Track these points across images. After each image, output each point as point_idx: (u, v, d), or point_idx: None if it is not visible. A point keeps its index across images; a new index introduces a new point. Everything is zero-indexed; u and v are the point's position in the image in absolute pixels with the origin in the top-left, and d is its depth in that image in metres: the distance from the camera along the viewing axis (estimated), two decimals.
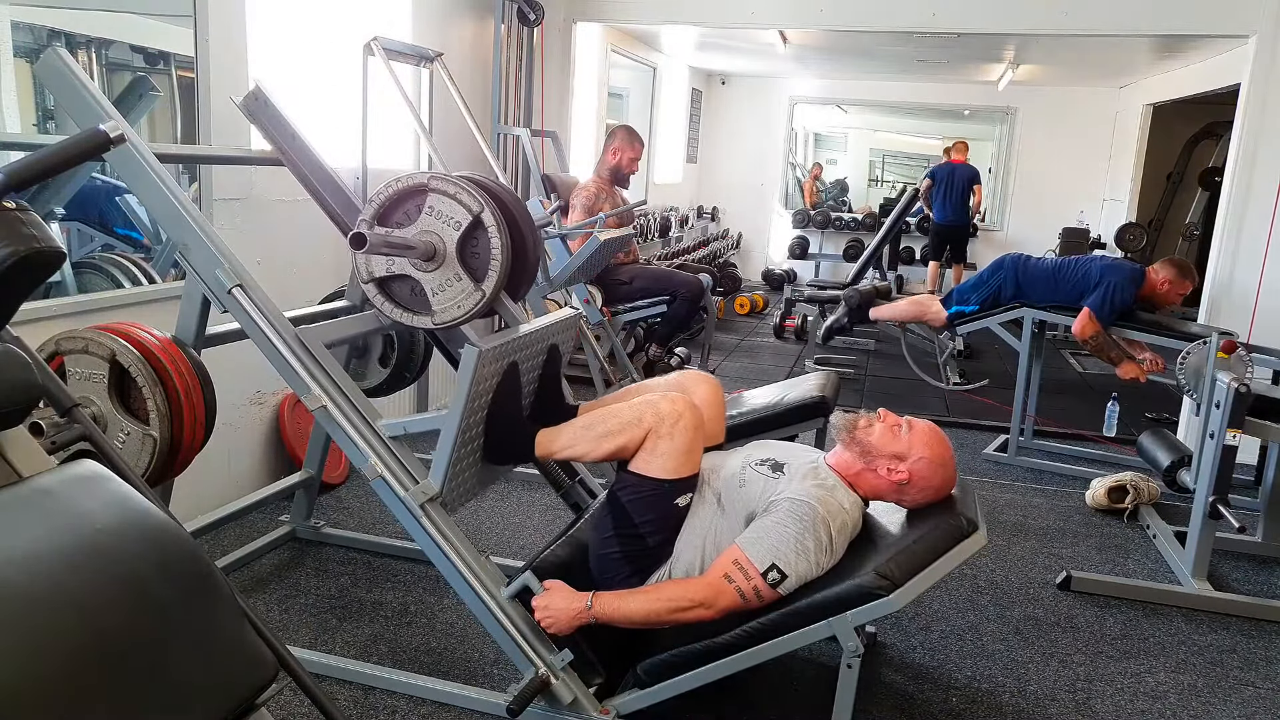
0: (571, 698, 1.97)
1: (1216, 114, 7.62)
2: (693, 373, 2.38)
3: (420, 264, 2.03)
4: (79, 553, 0.91)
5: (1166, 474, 3.26)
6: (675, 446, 1.96)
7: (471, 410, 2.03)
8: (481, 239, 2.03)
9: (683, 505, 2.01)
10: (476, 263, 2.05)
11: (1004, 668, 2.53)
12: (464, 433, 2.02)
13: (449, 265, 2.03)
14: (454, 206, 2.01)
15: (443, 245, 2.02)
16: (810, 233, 10.15)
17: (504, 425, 2.12)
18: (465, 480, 2.12)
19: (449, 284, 2.04)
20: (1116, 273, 4.14)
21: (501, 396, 2.11)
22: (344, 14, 3.72)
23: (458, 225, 2.01)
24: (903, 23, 5.03)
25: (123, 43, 3.25)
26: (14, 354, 1.10)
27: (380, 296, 2.08)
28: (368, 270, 2.06)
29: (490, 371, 2.05)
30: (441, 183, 2.02)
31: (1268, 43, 4.27)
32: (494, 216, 2.01)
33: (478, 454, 2.13)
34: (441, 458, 2.01)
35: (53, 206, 2.96)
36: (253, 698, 1.00)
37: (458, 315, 2.06)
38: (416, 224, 2.04)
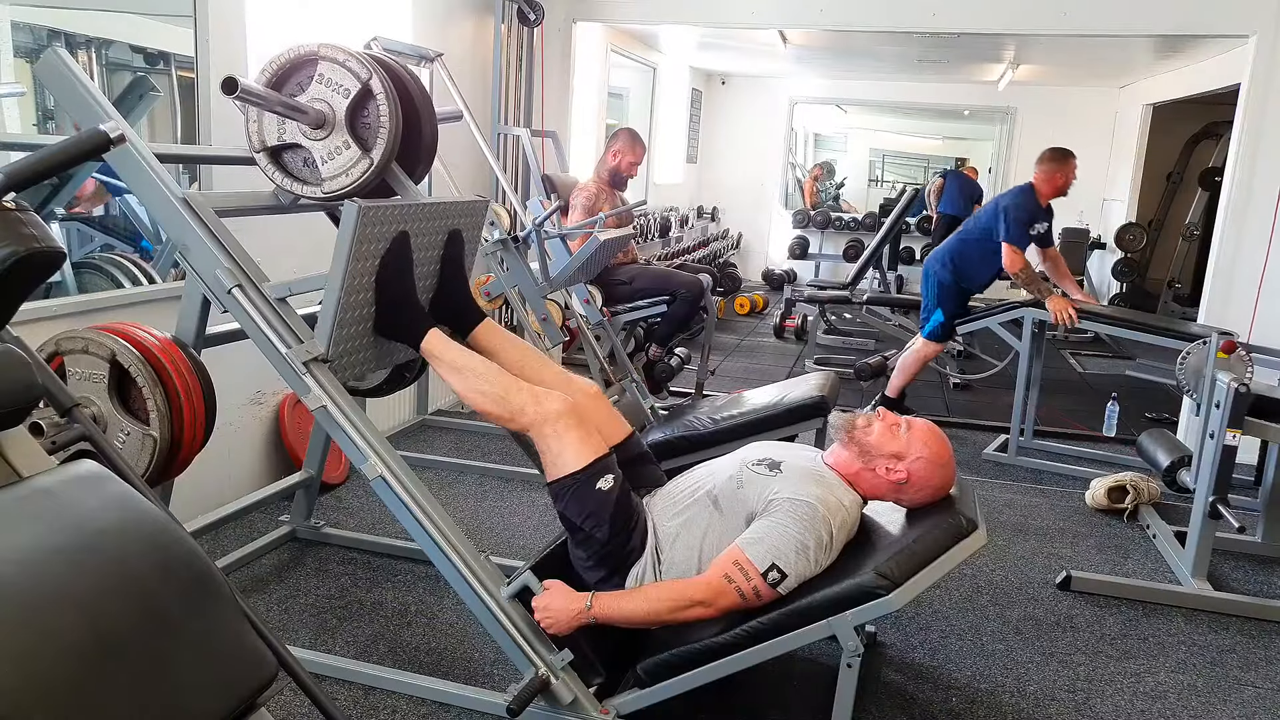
0: (571, 698, 1.97)
1: (1216, 114, 7.62)
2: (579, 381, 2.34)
3: (310, 132, 2.06)
4: (79, 553, 0.91)
5: (1166, 474, 3.26)
6: (565, 443, 2.00)
7: (355, 273, 2.01)
8: (371, 108, 2.06)
9: (606, 489, 2.01)
10: (366, 132, 2.08)
11: (1004, 668, 2.53)
12: (347, 295, 2.01)
13: (338, 133, 2.06)
14: (343, 74, 2.04)
15: (332, 112, 2.05)
16: (810, 233, 10.15)
17: (392, 295, 2.12)
18: (358, 352, 2.11)
19: (338, 152, 2.08)
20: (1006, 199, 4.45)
21: (389, 262, 2.10)
22: (344, 14, 3.72)
23: (347, 93, 2.04)
24: (903, 23, 5.03)
25: (123, 43, 3.25)
26: (14, 354, 1.10)
27: (272, 166, 2.11)
28: (260, 139, 2.09)
29: (375, 234, 2.03)
30: (331, 50, 2.05)
31: (1268, 43, 4.27)
32: (383, 85, 2.04)
33: (368, 324, 2.12)
34: (325, 317, 2.01)
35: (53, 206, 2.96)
36: (253, 698, 1.00)
37: (346, 184, 2.08)
38: (308, 92, 2.07)
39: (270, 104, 2.02)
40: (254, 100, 2.01)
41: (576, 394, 2.21)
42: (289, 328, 2.03)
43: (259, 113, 2.12)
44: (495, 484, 3.67)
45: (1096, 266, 8.54)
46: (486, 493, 3.58)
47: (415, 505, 2.02)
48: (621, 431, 2.27)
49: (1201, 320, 4.60)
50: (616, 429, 2.26)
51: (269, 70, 2.07)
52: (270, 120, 2.12)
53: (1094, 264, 8.46)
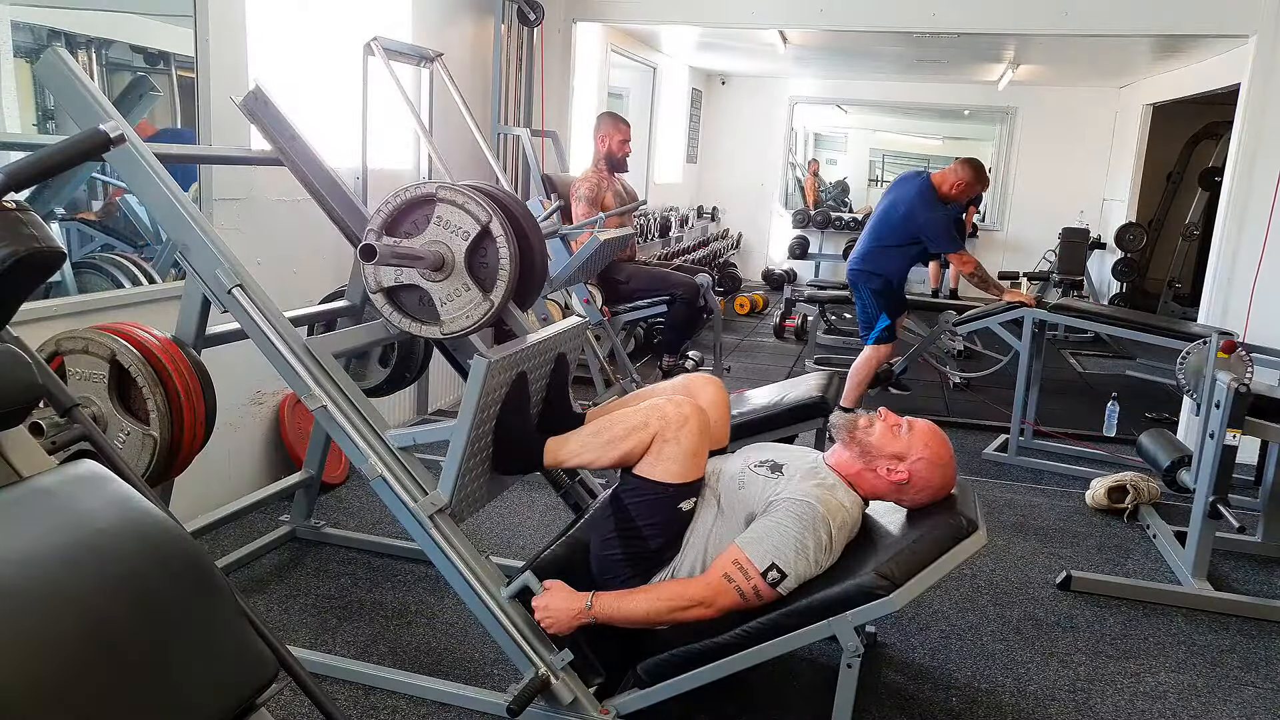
0: (571, 698, 1.97)
1: (1216, 114, 7.61)
2: (699, 375, 2.37)
3: (428, 274, 2.03)
4: (79, 553, 0.91)
5: (1166, 474, 3.26)
6: (681, 450, 1.96)
7: (480, 421, 2.03)
8: (489, 249, 2.02)
9: (686, 510, 2.01)
10: (485, 273, 2.04)
11: (1004, 668, 2.53)
12: (472, 443, 2.02)
13: (457, 275, 2.02)
14: (462, 216, 2.00)
15: (451, 255, 2.02)
16: (810, 233, 10.15)
17: (512, 436, 2.12)
18: (473, 490, 2.12)
19: (457, 294, 2.04)
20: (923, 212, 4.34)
21: (510, 407, 2.11)
22: (344, 14, 3.72)
23: (466, 235, 2.00)
24: (903, 23, 5.03)
25: (123, 43, 3.25)
26: (14, 354, 1.10)
27: (389, 306, 2.07)
28: (376, 280, 2.05)
29: (499, 382, 2.06)
30: (450, 193, 2.01)
31: (1268, 43, 4.27)
32: (502, 227, 2.00)
33: (486, 464, 2.13)
34: (450, 469, 2.01)
35: (53, 206, 2.96)
36: (253, 698, 1.00)
37: (466, 325, 2.05)
38: (424, 234, 2.03)
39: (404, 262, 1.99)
40: (394, 263, 1.99)
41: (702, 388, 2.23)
42: (413, 478, 2.04)
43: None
44: (503, 492, 3.67)
45: (1096, 266, 8.54)
46: None
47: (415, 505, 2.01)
48: (724, 438, 2.28)
49: (1201, 320, 4.60)
50: (723, 433, 2.27)
51: (385, 210, 2.03)
52: None
53: (1094, 264, 8.45)
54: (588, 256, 3.68)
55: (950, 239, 4.44)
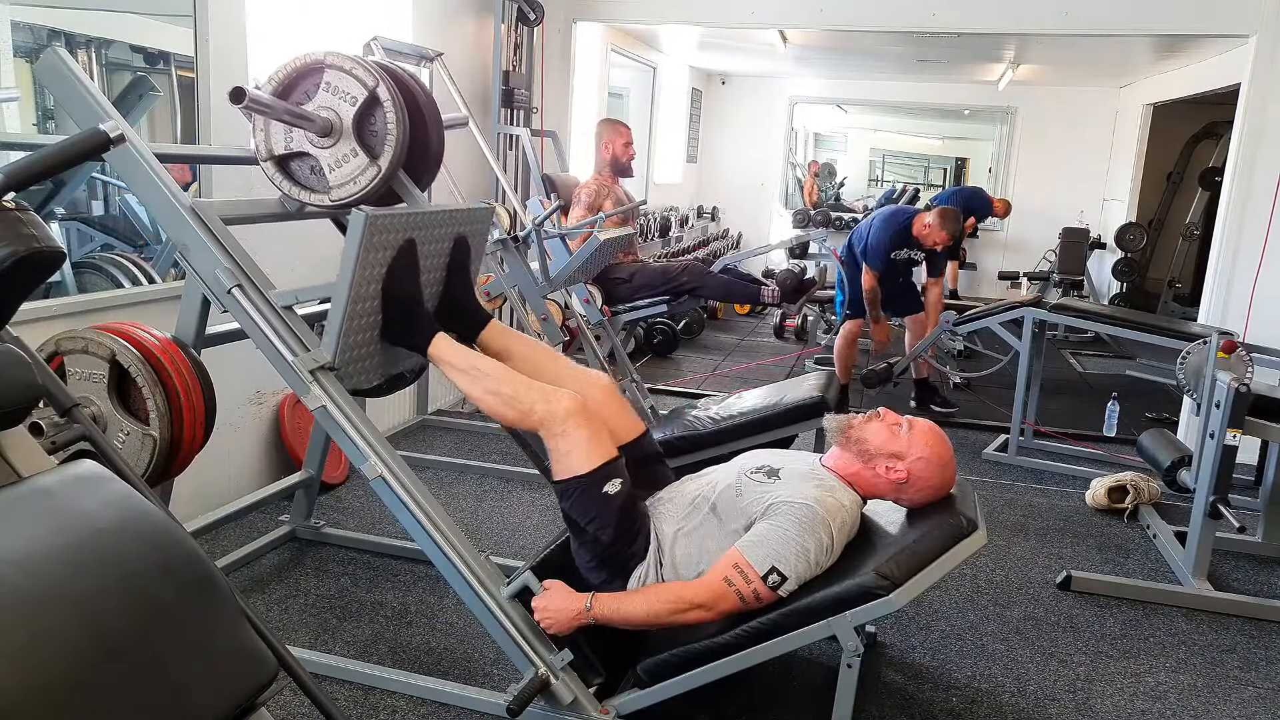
0: (571, 698, 1.97)
1: (1216, 114, 7.61)
2: (591, 374, 2.34)
3: (317, 140, 2.05)
4: (79, 553, 0.91)
5: (1166, 474, 3.26)
6: (574, 442, 1.99)
7: (361, 280, 2.01)
8: (379, 116, 2.06)
9: (613, 492, 2.00)
10: (373, 140, 2.07)
11: (1004, 668, 2.53)
12: (354, 303, 2.01)
13: (345, 140, 2.06)
14: (350, 82, 2.04)
15: (339, 120, 2.05)
16: (810, 232, 10.13)
17: (399, 302, 2.12)
18: (364, 359, 2.11)
19: (345, 160, 2.07)
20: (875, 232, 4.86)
21: (397, 270, 2.10)
22: (344, 14, 3.72)
23: (354, 100, 2.04)
24: (903, 23, 5.03)
25: (123, 43, 3.25)
26: (14, 354, 1.10)
27: (279, 175, 2.11)
28: (267, 147, 2.09)
29: (382, 242, 2.03)
30: (338, 58, 2.04)
31: (1268, 43, 4.27)
32: (390, 93, 2.03)
33: (374, 332, 2.12)
34: (333, 326, 2.00)
35: (53, 206, 2.96)
36: (253, 698, 1.00)
37: (354, 192, 2.08)
38: (314, 100, 2.07)
39: (277, 113, 2.02)
40: (261, 109, 2.00)
41: (589, 388, 2.20)
42: (295, 335, 2.03)
43: (265, 121, 2.11)
44: (495, 484, 3.67)
45: (1096, 266, 8.54)
46: (486, 493, 3.58)
47: (415, 505, 2.02)
48: (634, 429, 2.27)
49: (1201, 320, 4.60)
50: (629, 425, 2.26)
51: (275, 79, 2.06)
52: (277, 129, 2.12)
53: (1094, 264, 8.45)
54: (587, 256, 3.68)
55: (875, 257, 4.87)
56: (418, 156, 2.22)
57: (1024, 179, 9.70)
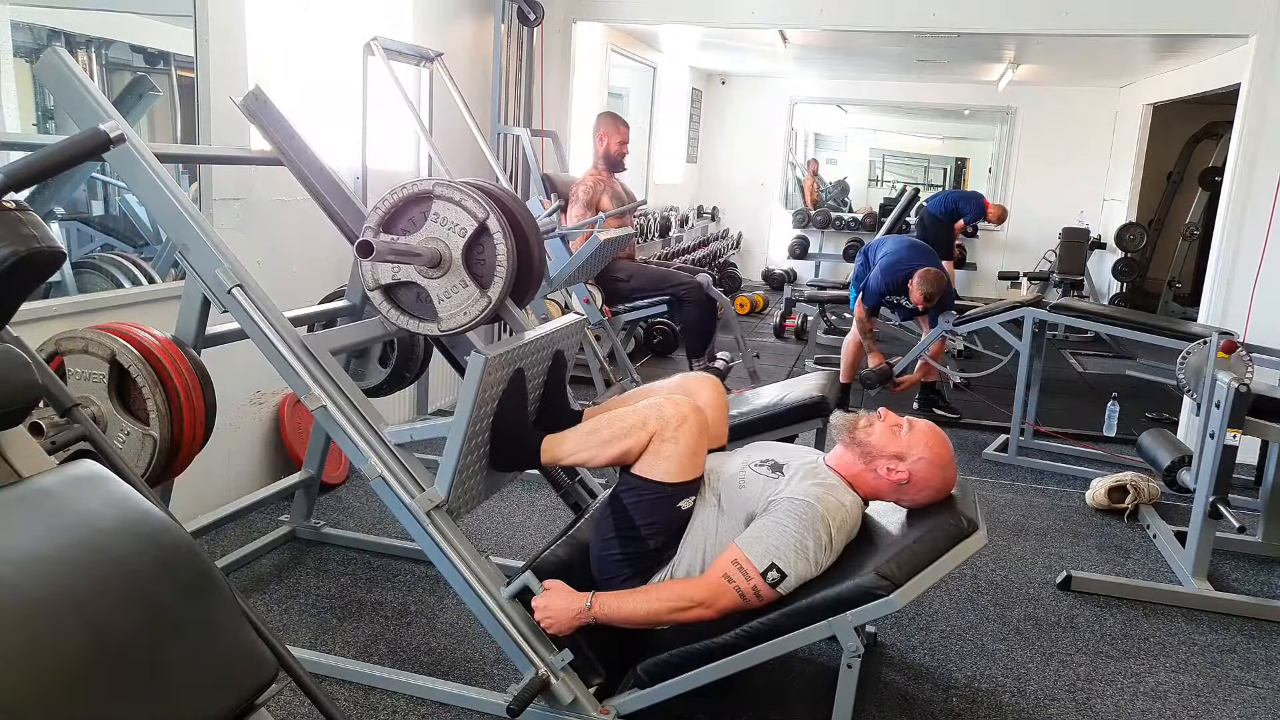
0: (571, 698, 1.97)
1: (1216, 114, 7.62)
2: (696, 375, 2.37)
3: (426, 271, 2.02)
4: (79, 553, 0.91)
5: (1166, 474, 3.26)
6: (679, 450, 1.96)
7: (477, 418, 2.03)
8: (487, 245, 2.02)
9: (685, 509, 2.01)
10: (482, 269, 2.04)
11: (1004, 668, 2.53)
12: (469, 440, 2.02)
13: (455, 272, 2.02)
14: (459, 213, 2.00)
15: (448, 252, 2.01)
16: (810, 233, 10.14)
17: (510, 432, 2.12)
18: (471, 487, 2.12)
19: (455, 290, 2.03)
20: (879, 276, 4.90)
21: (507, 404, 2.11)
22: (344, 14, 3.72)
23: (463, 232, 2.00)
24: (903, 23, 5.02)
25: (123, 43, 3.25)
26: (14, 354, 1.10)
27: (386, 304, 2.07)
28: (374, 277, 2.05)
29: (496, 379, 2.06)
30: (447, 189, 2.01)
31: (1268, 43, 4.27)
32: (499, 223, 2.00)
33: (483, 460, 2.13)
34: (448, 465, 2.01)
35: (52, 206, 2.96)
36: (253, 698, 1.00)
37: (464, 322, 2.05)
38: (422, 230, 2.03)
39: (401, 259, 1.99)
40: (393, 260, 1.99)
41: (698, 390, 2.22)
42: (410, 475, 2.04)
43: None
44: (500, 490, 3.67)
45: (1096, 266, 8.54)
46: None
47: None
48: (722, 438, 2.28)
49: (1201, 320, 4.60)
50: (721, 432, 2.27)
51: (382, 208, 2.03)
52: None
53: (1094, 264, 8.45)
54: (588, 256, 3.68)
55: (870, 297, 4.95)
56: (522, 279, 2.19)
57: (1024, 179, 9.70)
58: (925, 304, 4.74)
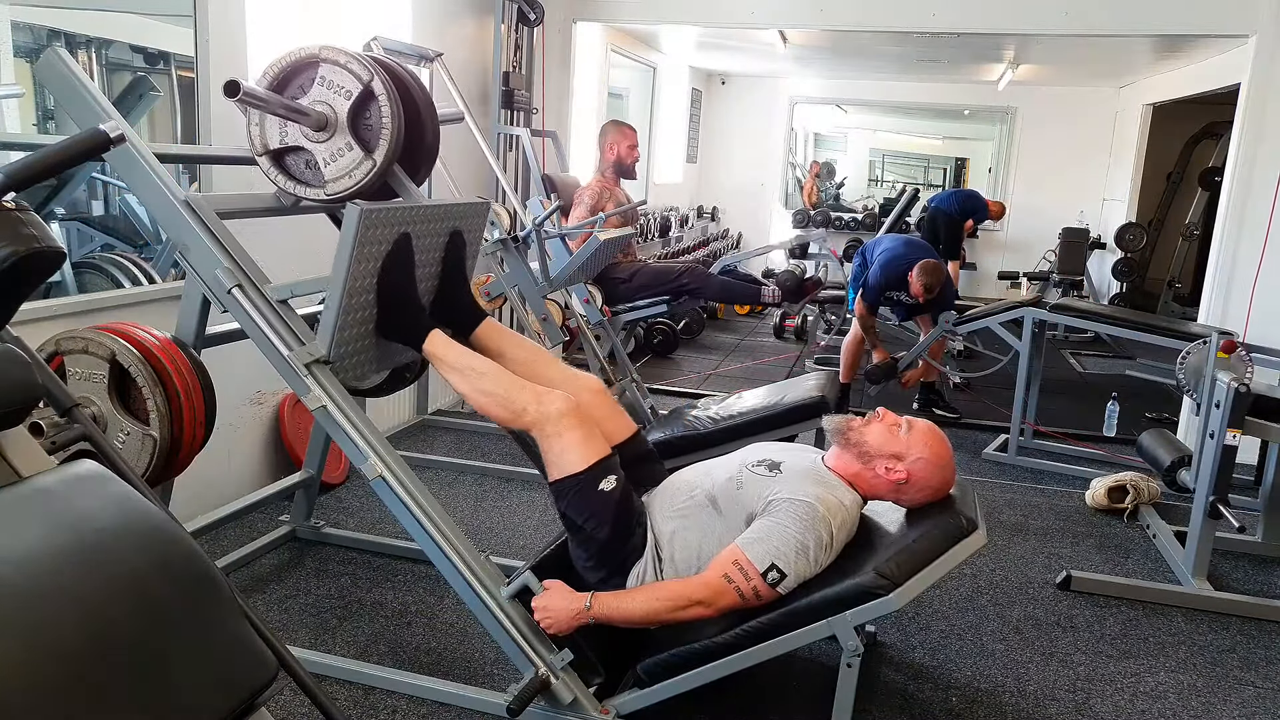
0: (571, 698, 1.97)
1: (1216, 114, 7.61)
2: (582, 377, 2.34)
3: (312, 135, 2.05)
4: (79, 553, 0.91)
5: (1166, 474, 3.26)
6: (567, 443, 2.00)
7: (357, 274, 2.01)
8: (374, 109, 2.06)
9: (609, 489, 2.01)
10: (368, 134, 2.07)
11: (1004, 668, 2.53)
12: (349, 297, 2.01)
13: (340, 134, 2.06)
14: (345, 76, 2.04)
15: (334, 114, 2.05)
16: (810, 232, 10.13)
17: (394, 297, 2.12)
18: (359, 354, 2.11)
19: (340, 154, 2.07)
20: (878, 271, 4.86)
21: (390, 264, 2.10)
22: (344, 14, 3.72)
23: (349, 94, 2.04)
24: (903, 23, 5.03)
25: (123, 43, 3.25)
26: (14, 354, 1.10)
27: (274, 169, 2.11)
28: (262, 142, 2.09)
29: (376, 236, 2.04)
30: (333, 53, 2.04)
31: (1268, 43, 4.27)
32: (385, 86, 2.03)
33: (370, 327, 2.13)
34: (327, 319, 2.01)
35: (52, 206, 2.96)
36: (253, 698, 1.00)
37: (349, 186, 2.08)
38: (309, 95, 2.07)
39: (272, 106, 2.02)
40: (256, 103, 2.01)
41: (580, 391, 2.20)
42: (290, 330, 2.03)
43: (261, 115, 2.12)
44: (495, 484, 3.67)
45: (1096, 266, 8.54)
46: (486, 493, 3.58)
47: (415, 505, 2.02)
48: (626, 429, 2.27)
49: (1201, 320, 4.60)
50: (621, 426, 2.26)
51: (270, 73, 2.06)
52: (272, 123, 2.12)
53: (1094, 264, 8.45)
54: (587, 256, 3.68)
55: (870, 293, 4.90)
56: (413, 151, 2.22)
57: (1024, 179, 9.70)
58: (926, 295, 4.72)
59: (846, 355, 5.18)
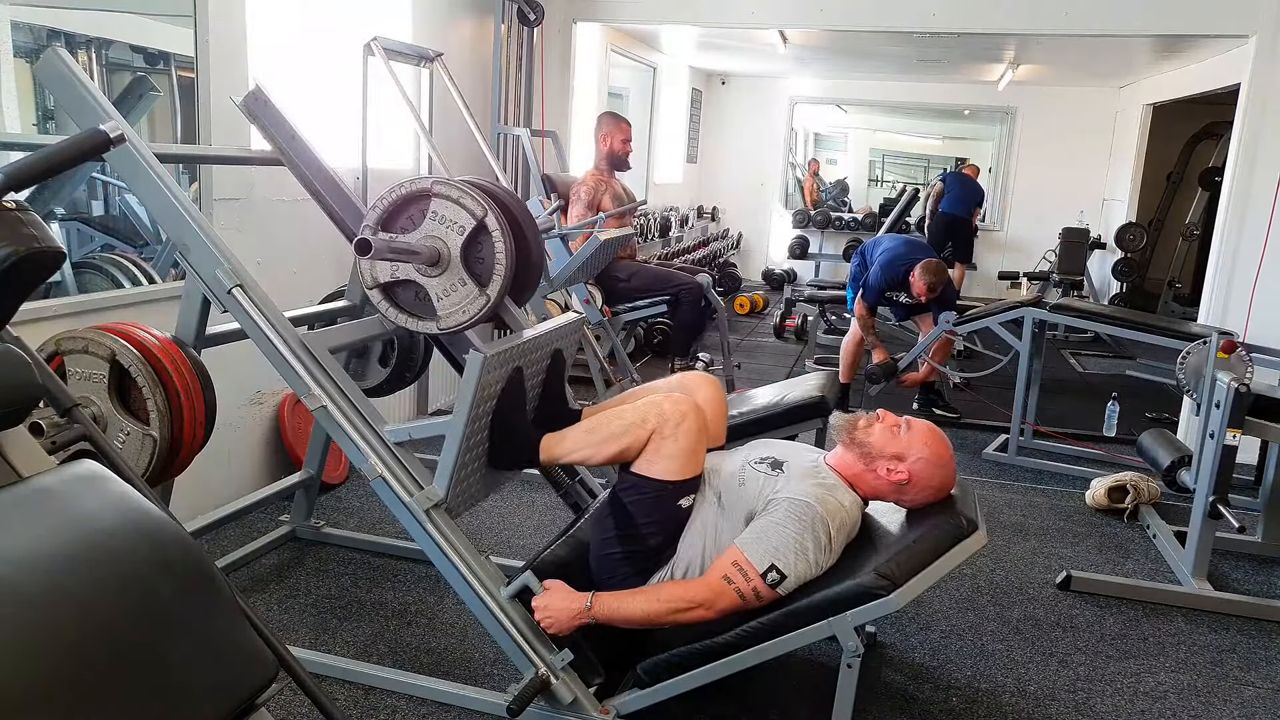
0: (571, 698, 1.97)
1: (1216, 114, 7.61)
2: (695, 373, 2.37)
3: (424, 269, 2.02)
4: (79, 553, 0.91)
5: (1166, 474, 3.26)
6: (679, 448, 1.96)
7: (476, 416, 2.03)
8: (485, 244, 2.02)
9: (685, 507, 2.01)
10: (481, 268, 2.04)
11: (1004, 668, 2.53)
12: (468, 439, 2.02)
13: (453, 270, 2.02)
14: (458, 211, 2.00)
15: (447, 250, 2.01)
16: (810, 233, 10.15)
17: (509, 431, 2.12)
18: (470, 485, 2.12)
19: (453, 289, 2.03)
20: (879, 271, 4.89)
21: (506, 402, 2.11)
22: (344, 14, 3.72)
23: (461, 230, 2.00)
24: (903, 23, 5.03)
25: (123, 43, 3.25)
26: (14, 354, 1.10)
27: (385, 302, 2.07)
28: (373, 276, 2.05)
29: (495, 377, 2.06)
30: (445, 187, 2.01)
31: (1268, 43, 4.27)
32: (498, 221, 2.00)
33: (482, 459, 2.13)
34: (446, 464, 2.01)
35: (53, 206, 2.96)
36: (253, 698, 1.00)
37: (462, 320, 2.05)
38: (420, 229, 2.03)
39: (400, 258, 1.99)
40: (390, 258, 1.99)
41: (696, 388, 2.22)
42: (409, 474, 2.04)
43: None
44: (499, 488, 3.67)
45: (1096, 266, 8.54)
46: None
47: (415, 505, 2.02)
48: (721, 437, 2.28)
49: (1201, 320, 4.60)
50: (719, 431, 2.27)
51: (380, 205, 2.03)
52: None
53: (1094, 264, 8.45)
54: (588, 256, 3.68)
55: (870, 293, 4.92)
56: (520, 277, 2.18)
57: (1024, 179, 9.70)
58: (928, 294, 4.71)
59: (846, 355, 5.18)
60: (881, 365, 4.83)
